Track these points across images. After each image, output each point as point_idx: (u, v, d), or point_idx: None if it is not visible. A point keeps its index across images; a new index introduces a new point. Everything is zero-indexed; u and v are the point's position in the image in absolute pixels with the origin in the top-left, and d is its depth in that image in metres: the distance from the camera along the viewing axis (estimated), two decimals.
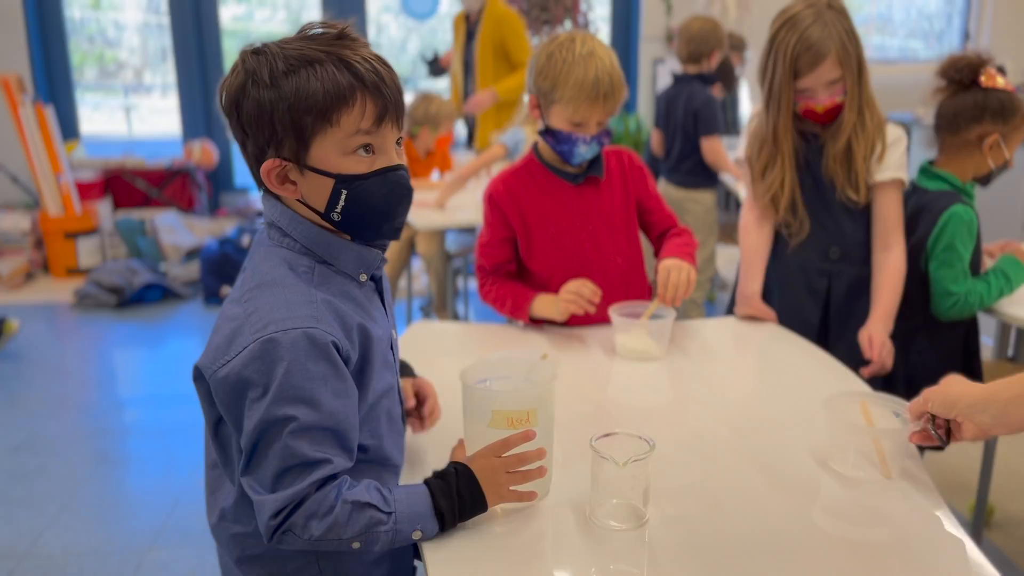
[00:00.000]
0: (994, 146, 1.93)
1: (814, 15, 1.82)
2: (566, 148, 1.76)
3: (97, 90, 7.36)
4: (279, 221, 1.08)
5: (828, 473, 1.28)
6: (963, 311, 1.92)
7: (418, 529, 1.05)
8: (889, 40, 6.62)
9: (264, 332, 0.99)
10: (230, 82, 1.02)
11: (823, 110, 1.88)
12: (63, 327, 4.41)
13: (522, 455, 1.11)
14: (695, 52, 3.65)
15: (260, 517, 1.00)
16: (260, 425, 0.99)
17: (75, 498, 2.65)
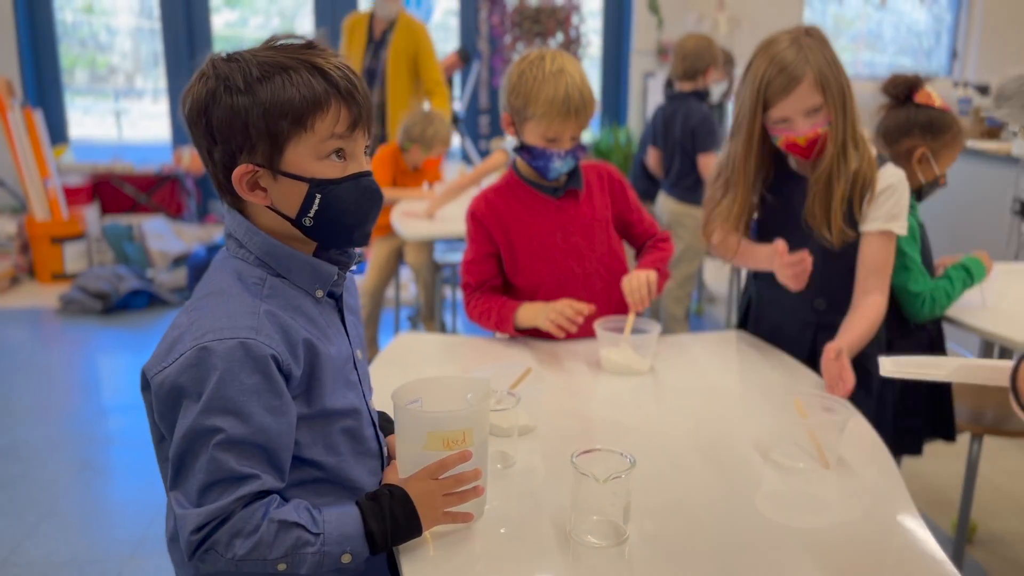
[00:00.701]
0: (922, 160, 2.02)
1: (790, 40, 1.73)
2: (541, 164, 1.78)
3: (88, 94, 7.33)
4: (236, 232, 1.09)
5: (803, 483, 1.28)
6: (935, 308, 1.96)
7: (347, 552, 1.03)
8: (879, 56, 6.67)
9: (201, 340, 0.99)
10: (197, 89, 1.01)
11: (805, 142, 1.73)
12: (48, 332, 4.38)
13: (459, 476, 1.08)
14: (690, 69, 3.66)
15: (182, 532, 0.98)
16: (187, 435, 0.98)
17: (56, 506, 2.63)
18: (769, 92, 1.72)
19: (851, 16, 6.56)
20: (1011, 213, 4.11)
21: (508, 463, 1.32)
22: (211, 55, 1.03)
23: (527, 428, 1.43)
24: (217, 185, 1.07)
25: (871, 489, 1.29)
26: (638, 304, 1.77)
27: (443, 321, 4.05)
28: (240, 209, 1.09)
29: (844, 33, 6.61)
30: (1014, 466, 2.93)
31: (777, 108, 1.72)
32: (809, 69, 1.69)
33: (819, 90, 1.70)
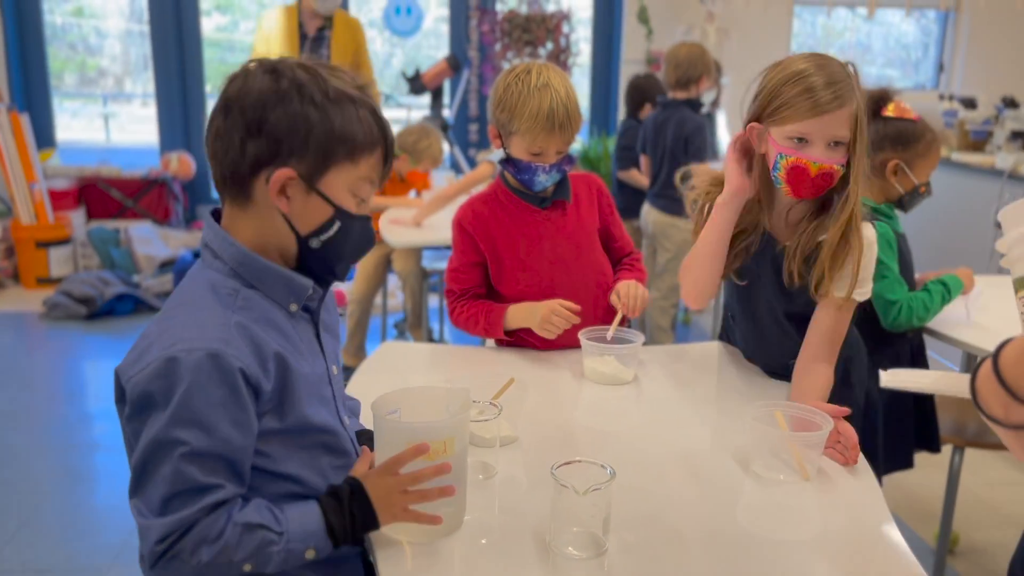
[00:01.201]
0: (898, 171, 2.05)
1: (823, 60, 1.50)
2: (527, 177, 1.79)
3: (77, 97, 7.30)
4: (212, 243, 1.09)
5: (783, 495, 1.28)
6: (911, 318, 1.97)
7: (311, 547, 1.04)
8: (867, 68, 6.72)
9: (169, 350, 0.99)
10: (263, 82, 1.02)
11: (817, 171, 1.48)
12: (31, 337, 4.35)
13: (416, 474, 1.06)
14: (683, 78, 3.66)
15: (145, 542, 0.98)
16: (151, 445, 0.98)
17: (37, 513, 2.60)
18: (796, 103, 1.47)
19: (840, 28, 6.61)
20: (995, 226, 4.15)
21: (490, 474, 1.32)
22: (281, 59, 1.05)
23: (509, 438, 1.43)
24: (226, 176, 1.06)
25: (851, 501, 1.29)
26: (632, 310, 1.78)
27: (430, 328, 4.05)
28: (232, 211, 1.09)
29: (833, 44, 6.65)
30: (996, 477, 2.94)
31: (800, 124, 1.47)
32: (855, 98, 1.48)
33: (851, 126, 1.49)
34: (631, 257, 1.99)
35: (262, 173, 1.04)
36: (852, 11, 6.47)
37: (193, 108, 5.82)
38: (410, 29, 5.94)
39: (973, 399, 0.83)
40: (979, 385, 0.82)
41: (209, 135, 1.06)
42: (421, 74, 5.04)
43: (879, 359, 2.04)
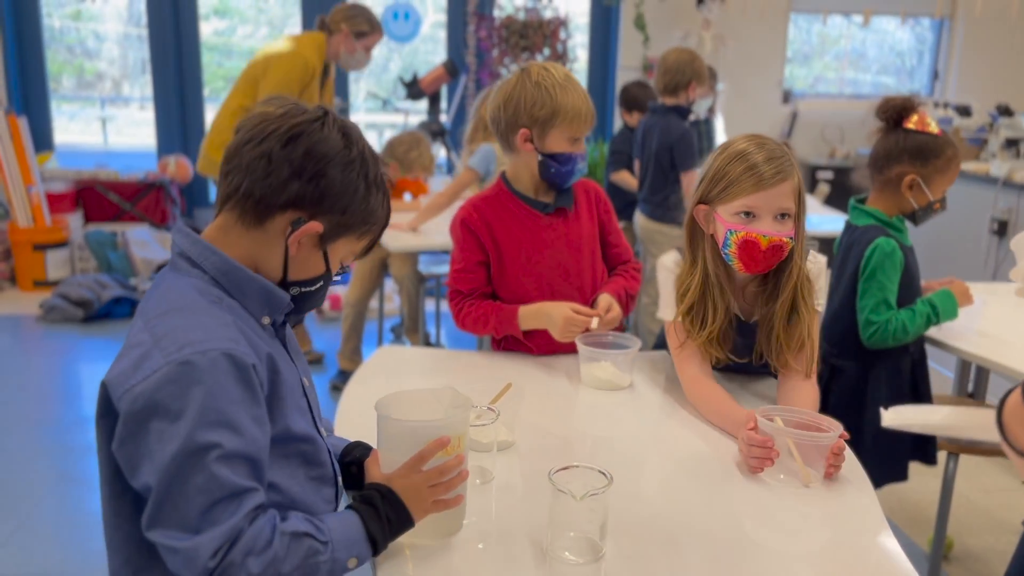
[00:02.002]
0: (913, 186, 2.00)
1: (762, 140, 1.56)
2: (568, 168, 1.82)
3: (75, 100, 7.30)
4: (190, 251, 1.07)
5: (780, 501, 1.29)
6: (886, 338, 1.96)
7: (354, 556, 1.03)
8: (862, 76, 6.75)
9: (179, 354, 0.95)
10: (335, 138, 1.06)
11: (768, 244, 1.52)
12: (27, 340, 4.35)
13: (442, 467, 1.10)
14: (671, 83, 3.65)
15: (192, 566, 0.91)
16: (178, 456, 0.92)
17: (32, 517, 2.60)
18: (743, 178, 1.52)
19: (835, 35, 6.63)
20: (989, 232, 4.17)
21: (487, 478, 1.32)
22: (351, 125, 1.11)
23: (506, 443, 1.43)
24: (252, 195, 1.04)
25: (847, 507, 1.30)
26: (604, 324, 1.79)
27: (427, 333, 4.05)
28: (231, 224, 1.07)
29: (828, 52, 6.68)
30: (990, 483, 2.96)
31: (747, 198, 1.52)
32: (796, 173, 1.54)
33: (795, 198, 1.54)
34: (628, 264, 1.99)
35: (290, 212, 1.05)
36: (848, 18, 6.50)
37: (191, 112, 5.82)
38: (408, 34, 5.95)
39: (1000, 433, 0.79)
40: (1007, 419, 0.77)
41: (252, 150, 1.04)
42: (419, 79, 5.05)
43: (877, 372, 2.05)
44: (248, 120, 1.08)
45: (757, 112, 6.01)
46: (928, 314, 1.98)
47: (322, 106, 1.10)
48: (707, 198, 1.59)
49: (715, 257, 1.62)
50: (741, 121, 5.49)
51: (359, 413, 1.46)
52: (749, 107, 5.94)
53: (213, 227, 1.09)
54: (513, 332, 1.85)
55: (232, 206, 1.07)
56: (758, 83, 6.04)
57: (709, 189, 1.58)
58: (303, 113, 1.07)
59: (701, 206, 1.60)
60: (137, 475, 0.96)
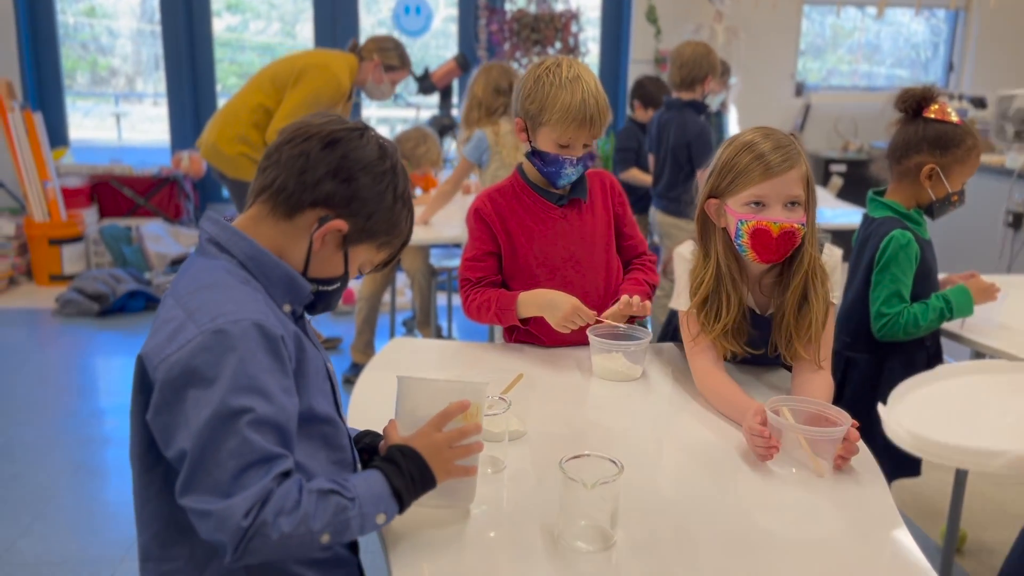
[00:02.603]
0: (932, 176, 1.98)
1: (769, 131, 1.58)
2: (553, 170, 1.79)
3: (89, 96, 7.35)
4: (219, 237, 1.11)
5: (792, 492, 1.29)
6: (897, 331, 1.95)
7: (382, 512, 1.05)
8: (876, 68, 6.70)
9: (213, 324, 0.99)
10: (371, 149, 1.13)
11: (779, 231, 1.53)
12: (44, 334, 4.39)
13: (463, 428, 1.13)
14: (687, 78, 3.63)
15: (225, 528, 0.94)
16: (212, 420, 0.96)
17: (50, 507, 2.63)
18: (751, 168, 1.54)
19: (849, 27, 6.59)
20: (1004, 225, 4.14)
21: (498, 467, 1.33)
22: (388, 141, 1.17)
23: (518, 433, 1.44)
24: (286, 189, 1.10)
25: (858, 498, 1.30)
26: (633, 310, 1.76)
27: (439, 326, 4.07)
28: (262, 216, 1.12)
29: (841, 44, 6.64)
30: (1003, 476, 2.94)
31: (756, 187, 1.54)
32: (803, 161, 1.55)
33: (804, 186, 1.55)
34: (645, 257, 1.99)
35: (319, 208, 1.11)
36: (861, 11, 6.46)
37: (204, 107, 5.85)
38: (419, 29, 5.96)
39: None
40: None
41: (292, 149, 1.10)
42: (430, 73, 5.05)
43: (892, 364, 2.03)
44: (290, 126, 1.14)
45: (770, 105, 5.98)
46: (941, 309, 1.97)
47: (363, 122, 1.17)
48: (716, 191, 1.60)
49: (727, 250, 1.63)
50: (754, 114, 5.46)
51: (371, 404, 1.47)
52: (762, 100, 5.91)
53: (244, 217, 1.14)
54: (511, 319, 1.83)
55: (265, 199, 1.12)
56: (771, 76, 6.01)
57: (718, 182, 1.59)
58: (344, 124, 1.13)
59: (711, 200, 1.61)
60: (172, 443, 0.99)
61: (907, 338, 1.98)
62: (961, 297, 1.99)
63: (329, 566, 1.17)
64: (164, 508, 1.08)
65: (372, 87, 3.80)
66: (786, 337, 1.63)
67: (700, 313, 1.65)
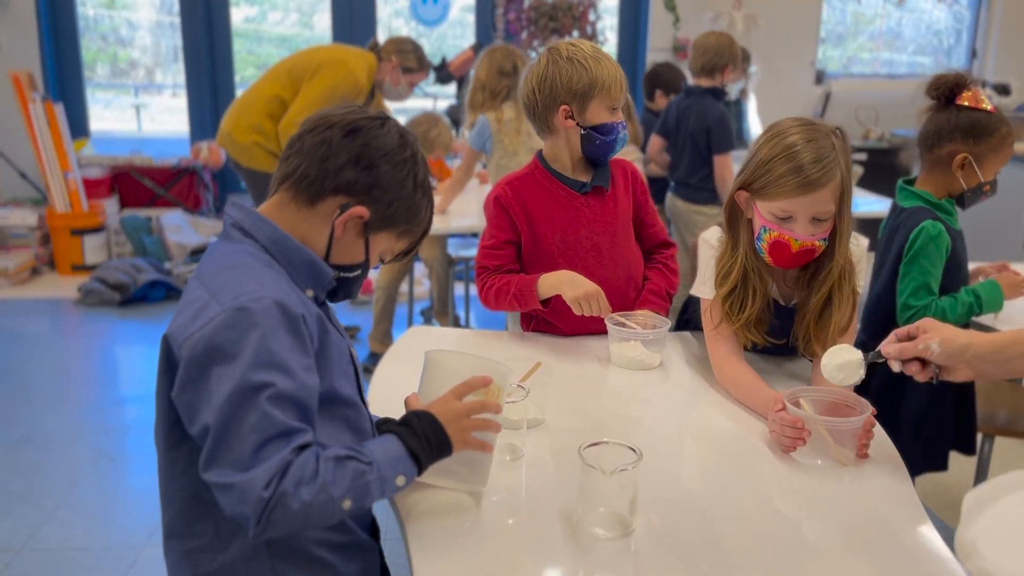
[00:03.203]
0: (965, 165, 1.93)
1: (814, 133, 1.51)
2: (612, 138, 1.82)
3: (109, 88, 7.40)
4: (243, 222, 1.13)
5: (812, 481, 1.29)
6: None
7: (400, 474, 1.06)
8: (898, 56, 6.63)
9: (235, 302, 1.01)
10: (391, 137, 1.14)
11: (798, 248, 1.53)
12: (67, 323, 4.44)
13: (483, 401, 1.14)
14: (709, 65, 3.63)
15: (247, 500, 0.95)
16: (233, 395, 0.97)
17: (73, 493, 2.67)
18: (785, 181, 1.49)
19: (870, 15, 6.51)
20: None
21: (516, 455, 1.34)
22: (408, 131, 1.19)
23: (536, 421, 1.44)
24: (308, 176, 1.12)
25: (881, 490, 1.29)
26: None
27: (456, 316, 4.07)
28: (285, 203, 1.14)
29: (863, 32, 6.56)
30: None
31: (786, 202, 1.51)
32: (839, 175, 1.50)
33: (835, 200, 1.52)
34: (665, 255, 1.98)
35: (340, 195, 1.13)
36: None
37: (222, 98, 5.87)
38: (437, 18, 5.95)
39: None
40: None
41: (314, 137, 1.13)
42: (447, 63, 5.04)
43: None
44: (313, 116, 1.16)
45: (789, 93, 5.93)
46: (971, 304, 1.92)
47: (384, 112, 1.18)
48: (748, 186, 1.57)
49: (755, 244, 1.62)
50: (773, 103, 5.42)
51: (390, 392, 1.47)
52: (781, 88, 5.86)
53: (268, 204, 1.16)
54: (531, 302, 1.80)
55: (288, 186, 1.14)
56: (790, 64, 5.95)
57: (752, 179, 1.56)
58: (366, 114, 1.16)
59: (742, 192, 1.59)
60: (196, 419, 1.00)
61: None
62: (992, 292, 1.95)
63: (351, 551, 1.18)
64: (188, 486, 1.10)
65: (390, 88, 3.82)
66: (805, 338, 1.63)
67: (725, 303, 1.64)
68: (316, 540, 1.13)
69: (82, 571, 2.28)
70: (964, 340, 1.21)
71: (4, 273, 4.86)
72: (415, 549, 1.10)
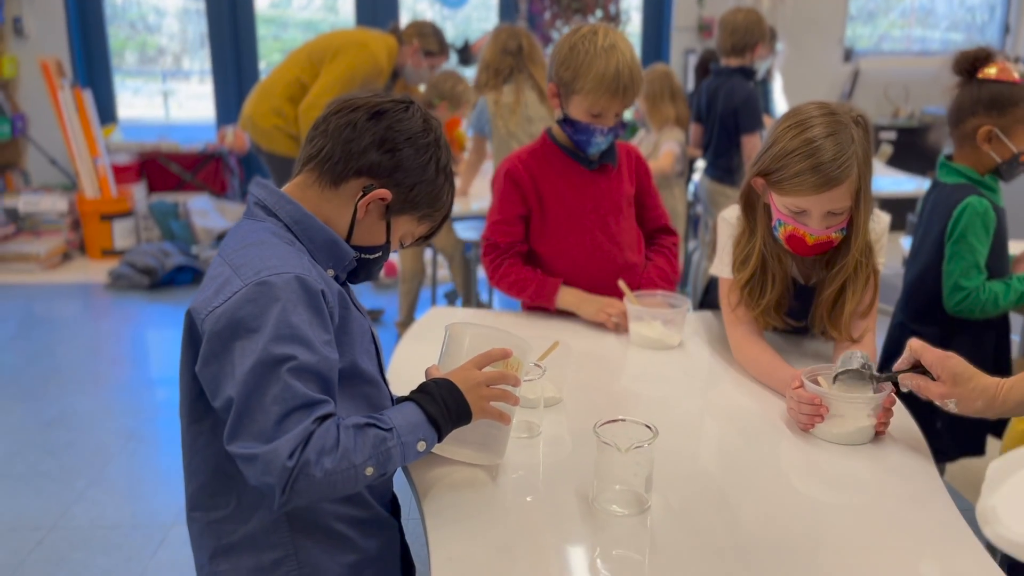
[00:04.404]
0: (992, 139, 1.88)
1: (835, 125, 1.46)
2: (583, 138, 1.78)
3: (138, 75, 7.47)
4: (266, 200, 1.15)
5: (833, 459, 1.28)
6: (974, 308, 1.86)
7: (421, 439, 1.06)
8: (930, 32, 6.49)
9: (257, 277, 1.02)
10: (415, 121, 1.16)
11: (814, 242, 1.52)
12: (97, 307, 4.51)
13: (503, 371, 1.15)
14: (738, 44, 3.57)
15: (271, 471, 0.95)
16: (256, 367, 0.97)
17: (103, 473, 2.72)
18: (801, 179, 1.45)
19: None
20: None
21: (533, 433, 1.34)
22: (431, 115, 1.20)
23: (554, 400, 1.44)
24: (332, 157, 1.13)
25: (902, 467, 1.27)
26: None
27: (479, 299, 4.07)
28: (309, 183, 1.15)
29: (893, 9, 6.44)
30: None
31: (801, 199, 1.48)
32: (855, 170, 1.46)
33: (852, 195, 1.48)
34: (667, 241, 1.98)
35: (363, 178, 1.14)
36: None
37: (247, 83, 5.90)
38: (460, 0, 5.92)
39: None
40: None
41: (339, 119, 1.14)
42: (470, 45, 5.03)
43: (960, 340, 1.88)
44: (338, 99, 1.17)
45: (817, 72, 5.84)
46: (1022, 293, 1.87)
47: (409, 96, 1.19)
48: (766, 176, 1.53)
49: (771, 229, 1.60)
50: (800, 82, 5.34)
51: (411, 371, 1.48)
52: (809, 67, 5.77)
53: (292, 184, 1.18)
54: (548, 303, 1.85)
55: (312, 167, 1.16)
56: (818, 42, 5.86)
57: (769, 169, 1.51)
58: (391, 98, 1.17)
59: (758, 179, 1.56)
60: (220, 392, 1.01)
61: (982, 316, 1.89)
62: None
63: (370, 526, 1.19)
64: (211, 458, 1.12)
65: (411, 72, 3.82)
66: (821, 324, 1.62)
67: (744, 290, 1.62)
68: (336, 514, 1.14)
69: (112, 548, 2.32)
70: (981, 406, 1.21)
71: (36, 258, 4.95)
72: (432, 526, 1.10)
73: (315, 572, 1.12)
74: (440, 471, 1.21)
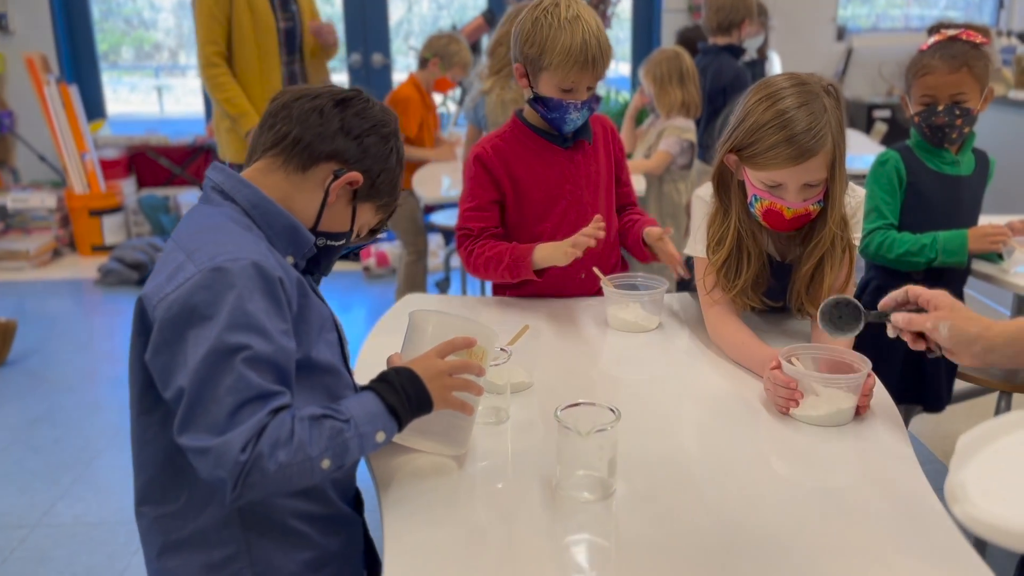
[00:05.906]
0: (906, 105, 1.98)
1: (807, 95, 1.43)
2: (557, 116, 1.73)
3: (135, 71, 7.43)
4: (223, 184, 1.11)
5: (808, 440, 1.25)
6: (867, 249, 1.94)
7: (380, 430, 1.03)
8: (928, 11, 6.42)
9: (211, 262, 0.98)
10: (381, 111, 1.17)
11: (792, 215, 1.48)
12: (87, 303, 4.48)
13: (465, 361, 1.12)
14: (724, 22, 3.52)
15: (223, 464, 0.92)
16: (209, 356, 0.94)
17: (89, 470, 2.70)
18: (774, 152, 1.42)
19: None
20: None
21: (501, 418, 1.31)
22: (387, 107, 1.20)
23: (523, 385, 1.41)
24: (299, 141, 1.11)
25: (877, 447, 1.25)
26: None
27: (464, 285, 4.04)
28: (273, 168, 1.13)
29: None
30: None
31: (773, 173, 1.45)
32: (830, 140, 1.42)
33: (827, 166, 1.45)
34: (636, 209, 1.96)
35: (333, 162, 1.12)
36: None
37: None
38: None
39: None
40: None
41: (304, 104, 1.13)
42: (458, 30, 4.99)
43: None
44: (291, 89, 1.17)
45: (809, 50, 5.77)
46: (925, 245, 1.90)
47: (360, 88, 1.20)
48: (738, 152, 1.49)
49: (746, 207, 1.55)
50: (793, 60, 5.28)
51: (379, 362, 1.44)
52: (801, 45, 5.71)
53: (252, 169, 1.14)
54: (525, 271, 1.74)
55: (277, 152, 1.13)
56: (810, 19, 5.79)
57: (741, 144, 1.47)
58: (348, 89, 1.17)
59: (731, 156, 1.51)
60: (171, 382, 0.98)
61: (876, 260, 1.96)
62: (952, 241, 1.89)
63: (331, 524, 1.16)
64: (161, 451, 1.09)
65: None
66: (798, 301, 1.58)
67: (719, 273, 1.58)
68: (293, 511, 1.10)
69: (96, 545, 2.30)
70: (975, 332, 1.14)
71: (26, 255, 4.92)
72: (390, 516, 1.07)
73: (268, 569, 1.10)
74: (402, 459, 1.18)
